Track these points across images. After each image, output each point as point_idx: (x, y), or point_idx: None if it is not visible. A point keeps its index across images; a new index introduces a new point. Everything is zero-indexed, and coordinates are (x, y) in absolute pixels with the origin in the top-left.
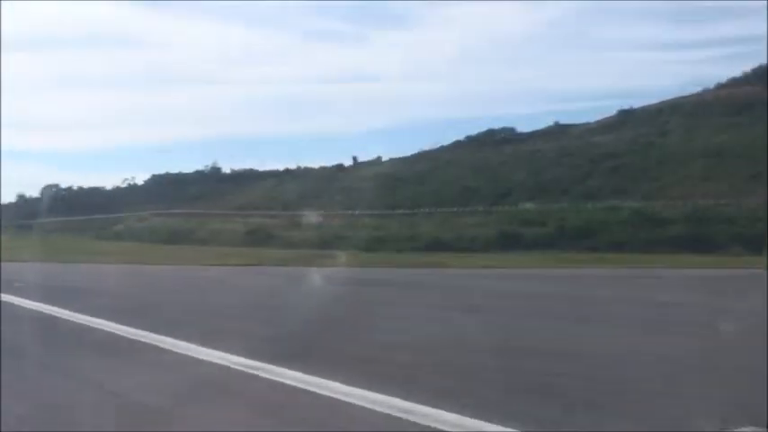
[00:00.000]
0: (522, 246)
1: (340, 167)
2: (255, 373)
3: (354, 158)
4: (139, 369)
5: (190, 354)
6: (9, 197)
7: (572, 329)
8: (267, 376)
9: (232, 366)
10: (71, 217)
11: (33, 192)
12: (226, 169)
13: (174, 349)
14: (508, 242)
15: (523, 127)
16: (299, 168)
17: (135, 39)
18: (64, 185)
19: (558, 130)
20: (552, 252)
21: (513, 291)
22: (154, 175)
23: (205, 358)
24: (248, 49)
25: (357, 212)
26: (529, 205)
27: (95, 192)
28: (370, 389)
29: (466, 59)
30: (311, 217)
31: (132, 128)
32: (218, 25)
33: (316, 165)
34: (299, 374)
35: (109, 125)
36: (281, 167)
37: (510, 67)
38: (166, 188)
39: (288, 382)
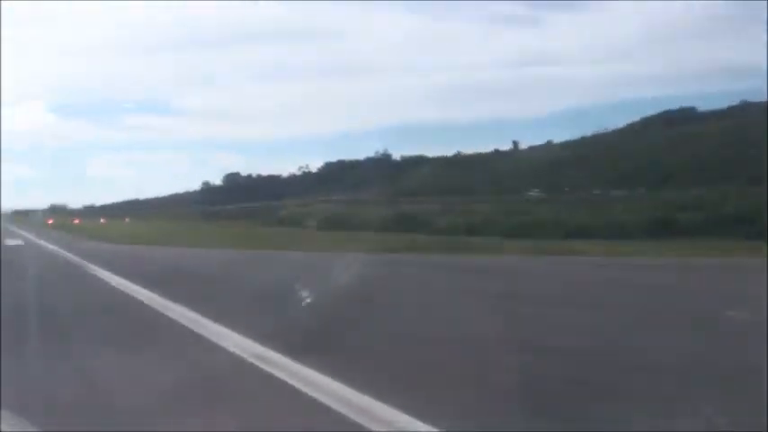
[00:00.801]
0: (675, 232)
1: (500, 152)
2: None
3: (515, 143)
4: None
5: None
6: (195, 185)
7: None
8: None
9: None
10: (247, 204)
11: (216, 179)
12: (396, 156)
13: None
14: (659, 228)
15: (704, 106)
16: (458, 154)
17: (311, 30)
18: (243, 173)
19: (740, 109)
20: (707, 239)
21: (627, 282)
22: (326, 163)
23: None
24: (423, 37)
25: (509, 198)
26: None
27: (272, 180)
28: None
29: (644, 40)
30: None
31: (307, 117)
32: (391, 14)
33: (480, 149)
34: None
35: (285, 115)
36: (449, 153)
37: (693, 46)
38: (338, 175)
39: None
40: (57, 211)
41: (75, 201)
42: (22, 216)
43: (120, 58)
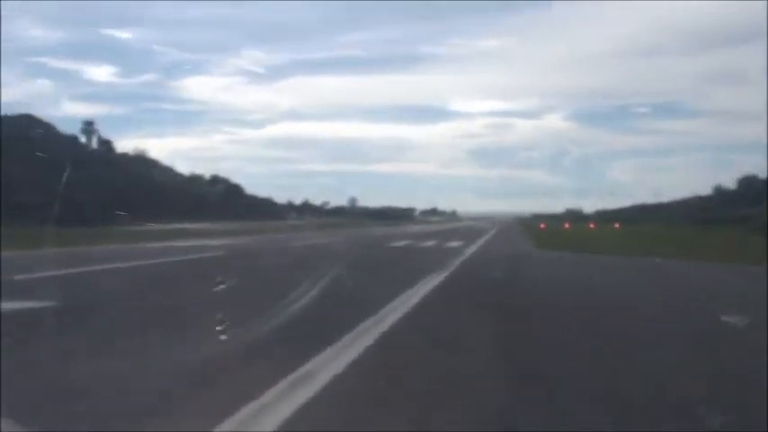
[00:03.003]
0: None
1: None
2: None
3: None
4: None
5: None
6: (706, 189)
7: None
8: None
9: None
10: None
11: (730, 183)
12: None
13: None
14: None
15: None
16: None
17: None
18: (762, 176)
19: None
20: None
21: None
22: None
23: None
24: None
25: None
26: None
27: None
28: None
29: None
30: None
31: None
32: None
33: None
34: None
35: None
36: None
37: None
38: None
39: None
40: (571, 215)
41: (589, 206)
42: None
43: (635, 62)
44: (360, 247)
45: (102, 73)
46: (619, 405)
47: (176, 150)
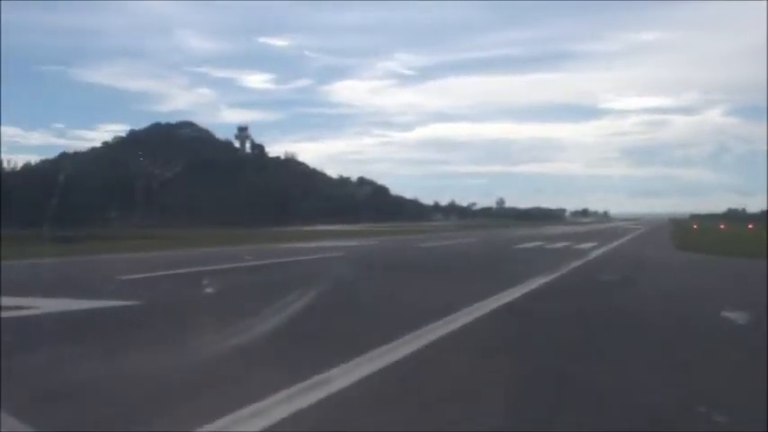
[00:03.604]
0: None
1: None
2: None
3: None
4: None
5: None
6: None
7: None
8: None
9: None
10: None
11: None
12: None
13: None
14: None
15: None
16: None
17: None
18: None
19: None
20: None
21: None
22: None
23: None
24: None
25: None
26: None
27: None
28: None
29: None
30: None
31: None
32: None
33: None
34: None
35: None
36: None
37: None
38: None
39: None
40: (732, 215)
41: (755, 205)
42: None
43: None
44: (485, 249)
45: (257, 80)
46: None
47: (325, 153)
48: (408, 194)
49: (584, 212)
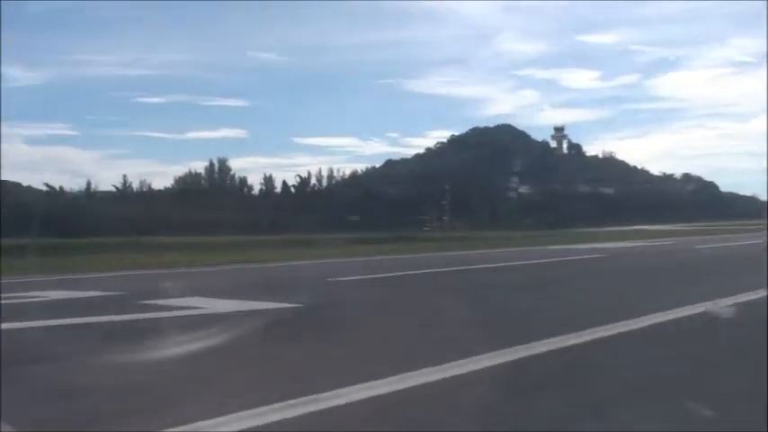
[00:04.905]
0: None
1: None
2: None
3: None
4: None
5: None
6: None
7: None
8: None
9: None
10: None
11: None
12: None
13: None
14: None
15: None
16: None
17: None
18: None
19: None
20: None
21: None
22: None
23: None
24: None
25: None
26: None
27: None
28: None
29: None
30: None
31: None
32: None
33: None
34: None
35: None
36: None
37: None
38: None
39: None
40: None
41: None
42: None
43: None
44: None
45: (581, 78)
46: None
47: (648, 150)
48: (744, 191)
49: None
